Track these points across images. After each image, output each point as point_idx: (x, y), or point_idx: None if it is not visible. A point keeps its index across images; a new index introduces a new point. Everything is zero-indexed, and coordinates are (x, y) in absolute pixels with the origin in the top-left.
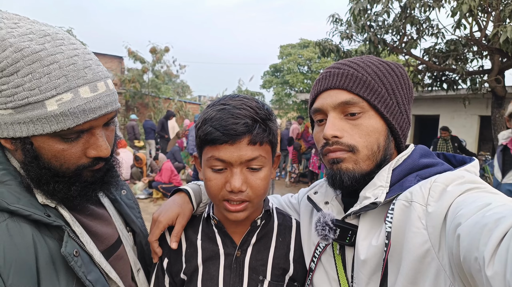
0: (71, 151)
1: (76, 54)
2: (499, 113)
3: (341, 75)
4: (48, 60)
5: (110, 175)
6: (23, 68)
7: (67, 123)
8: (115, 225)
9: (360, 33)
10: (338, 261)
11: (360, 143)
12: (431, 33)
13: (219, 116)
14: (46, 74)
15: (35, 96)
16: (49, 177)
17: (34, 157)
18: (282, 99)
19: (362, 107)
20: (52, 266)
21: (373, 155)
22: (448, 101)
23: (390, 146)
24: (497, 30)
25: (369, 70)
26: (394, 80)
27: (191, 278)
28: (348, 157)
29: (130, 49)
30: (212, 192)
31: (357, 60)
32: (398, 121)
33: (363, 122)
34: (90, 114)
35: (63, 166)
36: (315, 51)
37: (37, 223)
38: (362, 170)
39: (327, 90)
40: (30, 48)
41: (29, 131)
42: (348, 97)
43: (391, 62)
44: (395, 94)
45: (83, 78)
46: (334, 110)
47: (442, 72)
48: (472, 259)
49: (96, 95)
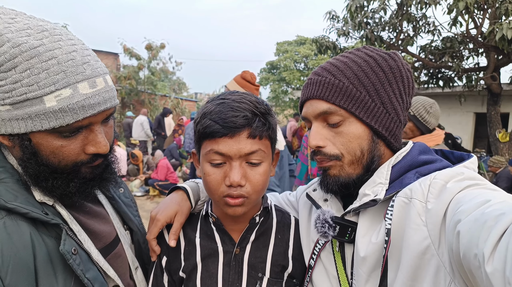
0: (70, 147)
1: (75, 50)
2: (494, 111)
3: (319, 84)
4: (47, 55)
5: (108, 171)
6: (21, 63)
7: (65, 119)
8: (113, 223)
9: (357, 30)
10: (337, 258)
11: (342, 150)
12: (427, 30)
13: (219, 110)
14: (44, 70)
15: (34, 92)
16: (47, 174)
17: (33, 153)
18: (279, 97)
19: (342, 115)
20: (50, 264)
21: (357, 160)
22: (444, 99)
23: (377, 147)
24: (493, 27)
25: (349, 73)
26: (379, 78)
27: (190, 276)
28: (334, 164)
29: (125, 46)
30: (211, 187)
31: (340, 61)
32: (383, 123)
33: (343, 129)
34: (89, 111)
35: (61, 162)
36: (311, 48)
37: (34, 221)
38: (348, 174)
39: (309, 100)
40: (28, 44)
41: (27, 127)
42: (326, 107)
43: (381, 55)
44: (379, 94)
45: (82, 74)
46: (316, 120)
47: (438, 69)
48: (471, 256)
49: (95, 91)
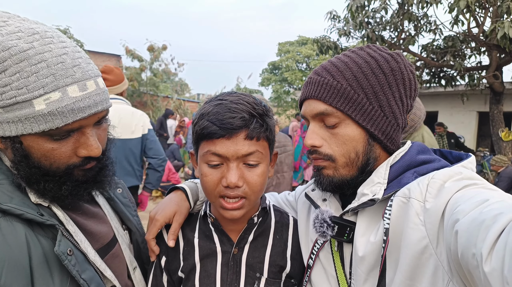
0: (61, 150)
1: (65, 53)
2: (497, 109)
3: (318, 85)
4: (36, 59)
5: (102, 174)
6: (10, 67)
7: (55, 122)
8: (111, 223)
9: (358, 29)
10: (336, 258)
11: (337, 152)
12: (429, 29)
13: (216, 111)
14: (34, 73)
15: (23, 95)
16: (39, 176)
17: (24, 156)
18: (281, 97)
19: (338, 117)
20: (45, 265)
21: (352, 162)
22: (447, 98)
23: (372, 150)
24: (495, 26)
25: (348, 74)
26: (379, 80)
27: (188, 276)
28: (328, 165)
29: (127, 48)
30: (208, 188)
31: (341, 60)
32: (380, 126)
33: (339, 131)
34: (79, 114)
35: (53, 165)
36: (313, 49)
37: (30, 222)
38: (342, 176)
39: (307, 100)
40: (18, 47)
41: (17, 130)
42: (323, 108)
43: (383, 56)
44: (377, 97)
45: (72, 77)
46: (314, 120)
47: (440, 68)
48: (470, 255)
49: (85, 94)
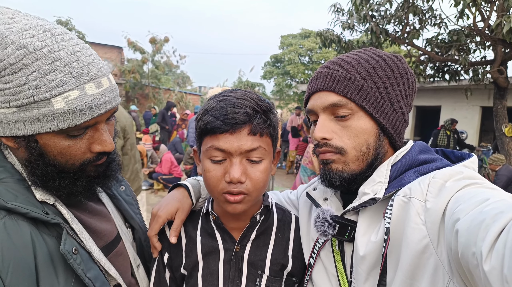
0: (77, 147)
1: (78, 50)
2: (501, 105)
3: (330, 77)
4: (52, 57)
5: (111, 168)
6: (27, 66)
7: (74, 120)
8: (114, 221)
9: (362, 23)
10: (337, 257)
11: (348, 145)
12: (433, 23)
13: (220, 106)
14: (51, 72)
15: (42, 94)
16: (54, 174)
17: (40, 155)
18: (283, 90)
19: (351, 109)
20: (51, 264)
21: (363, 156)
22: (450, 92)
23: (382, 145)
24: (501, 20)
25: (360, 69)
26: (388, 76)
27: (191, 273)
28: (337, 158)
29: (129, 39)
30: (211, 184)
31: (350, 57)
32: (390, 120)
33: (351, 123)
34: (96, 111)
35: (68, 162)
36: (316, 42)
37: (35, 221)
38: (351, 171)
39: (317, 92)
40: (33, 45)
41: (34, 129)
42: (336, 100)
43: (389, 56)
44: (387, 92)
45: (88, 75)
46: (324, 112)
47: (444, 63)
48: (470, 254)
49: (101, 91)
